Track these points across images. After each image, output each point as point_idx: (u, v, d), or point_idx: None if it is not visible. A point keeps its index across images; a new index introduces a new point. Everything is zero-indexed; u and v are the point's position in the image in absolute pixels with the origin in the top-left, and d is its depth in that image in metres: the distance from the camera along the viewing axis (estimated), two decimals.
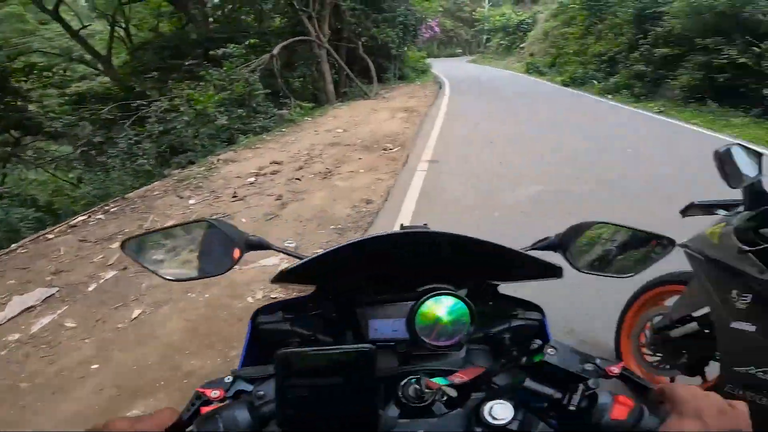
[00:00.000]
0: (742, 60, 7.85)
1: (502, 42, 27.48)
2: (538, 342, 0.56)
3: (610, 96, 10.65)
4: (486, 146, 5.65)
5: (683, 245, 1.42)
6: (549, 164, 4.79)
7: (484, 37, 34.59)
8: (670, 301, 1.67)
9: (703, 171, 2.00)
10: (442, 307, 0.62)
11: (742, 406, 0.45)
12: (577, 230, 0.79)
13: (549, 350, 0.54)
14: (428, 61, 21.18)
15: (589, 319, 2.14)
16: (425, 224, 0.86)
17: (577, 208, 3.54)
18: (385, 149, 5.69)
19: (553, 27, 18.88)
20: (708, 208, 1.47)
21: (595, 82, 12.22)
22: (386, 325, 0.72)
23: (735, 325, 1.25)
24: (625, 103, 9.63)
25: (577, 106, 9.08)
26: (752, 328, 1.21)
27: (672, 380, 1.66)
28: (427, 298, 0.61)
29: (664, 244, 0.79)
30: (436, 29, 28.00)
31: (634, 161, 4.86)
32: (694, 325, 1.49)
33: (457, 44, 43.17)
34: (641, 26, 11.14)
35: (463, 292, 0.66)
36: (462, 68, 22.63)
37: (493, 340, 0.76)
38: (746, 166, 1.31)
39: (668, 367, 1.65)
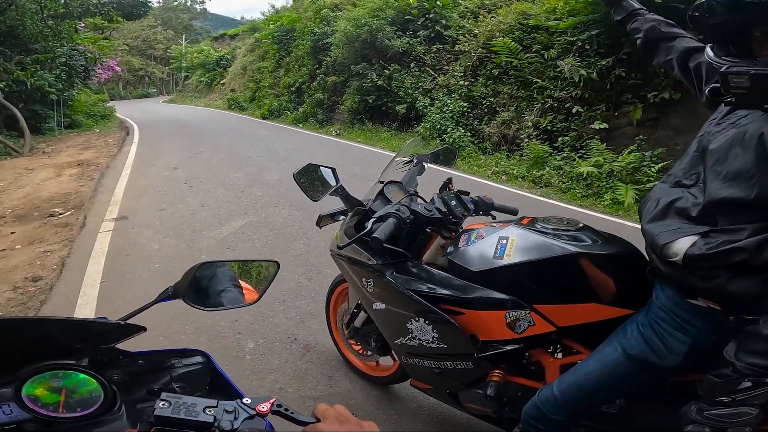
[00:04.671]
0: (380, 82, 9.37)
1: (202, 79, 26.49)
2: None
3: (301, 125, 11.87)
4: (186, 191, 5.36)
5: (330, 250, 1.60)
6: (250, 197, 4.98)
7: (183, 74, 32.81)
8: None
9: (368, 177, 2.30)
10: (58, 381, 0.59)
11: (341, 409, 0.58)
12: (189, 275, 0.82)
13: (161, 404, 0.54)
14: (112, 104, 18.42)
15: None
16: None
17: (277, 234, 3.83)
18: (51, 215, 4.59)
19: (250, 62, 19.40)
20: (333, 216, 1.70)
21: (288, 113, 13.45)
22: None
23: (375, 306, 1.40)
24: (312, 130, 10.98)
25: (272, 138, 9.62)
26: (383, 306, 1.38)
27: (377, 364, 1.87)
28: (29, 377, 0.58)
29: (272, 265, 0.92)
30: (117, 69, 24.86)
31: None
32: (364, 313, 1.66)
33: (151, 83, 39.70)
34: (317, 57, 12.26)
35: (84, 362, 0.63)
36: (156, 110, 20.67)
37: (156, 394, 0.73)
38: (326, 179, 1.52)
39: (369, 353, 1.78)
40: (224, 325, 2.40)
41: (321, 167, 1.53)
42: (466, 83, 7.90)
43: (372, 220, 1.24)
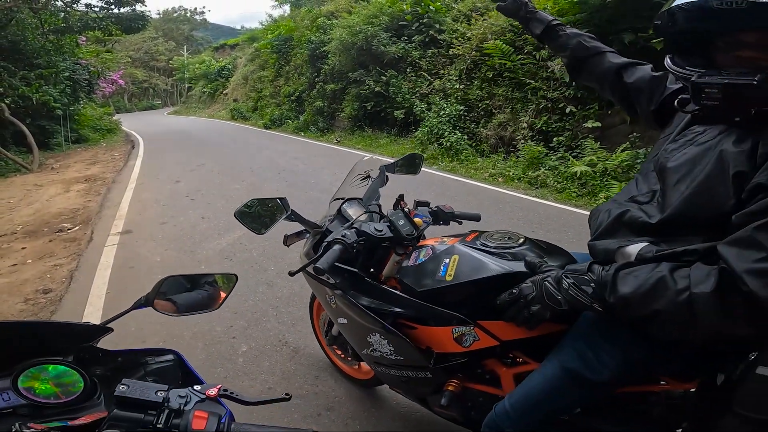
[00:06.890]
0: (377, 88, 9.48)
1: (204, 90, 26.77)
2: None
3: (302, 134, 11.97)
4: (187, 204, 5.49)
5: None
6: None
7: (186, 85, 33.19)
8: None
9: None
10: (47, 373, 0.72)
11: None
12: (157, 287, 0.96)
13: (121, 387, 0.67)
14: (117, 117, 18.82)
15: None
16: None
17: (273, 243, 3.88)
18: (60, 231, 4.77)
19: (251, 71, 19.50)
20: (299, 234, 1.70)
21: (289, 121, 13.54)
22: None
23: (339, 320, 1.47)
24: (313, 139, 11.08)
25: (273, 149, 9.68)
26: (345, 321, 1.43)
27: (359, 367, 1.96)
28: (23, 370, 0.71)
29: (231, 278, 1.05)
30: (121, 82, 25.27)
31: (318, 193, 5.58)
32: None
33: (155, 95, 40.33)
34: (315, 65, 12.36)
35: (69, 359, 0.76)
36: (161, 122, 21.03)
37: None
38: (274, 209, 1.45)
39: (350, 358, 1.89)
40: (220, 330, 2.53)
41: (268, 199, 1.47)
42: (461, 86, 7.99)
43: (323, 244, 1.26)
